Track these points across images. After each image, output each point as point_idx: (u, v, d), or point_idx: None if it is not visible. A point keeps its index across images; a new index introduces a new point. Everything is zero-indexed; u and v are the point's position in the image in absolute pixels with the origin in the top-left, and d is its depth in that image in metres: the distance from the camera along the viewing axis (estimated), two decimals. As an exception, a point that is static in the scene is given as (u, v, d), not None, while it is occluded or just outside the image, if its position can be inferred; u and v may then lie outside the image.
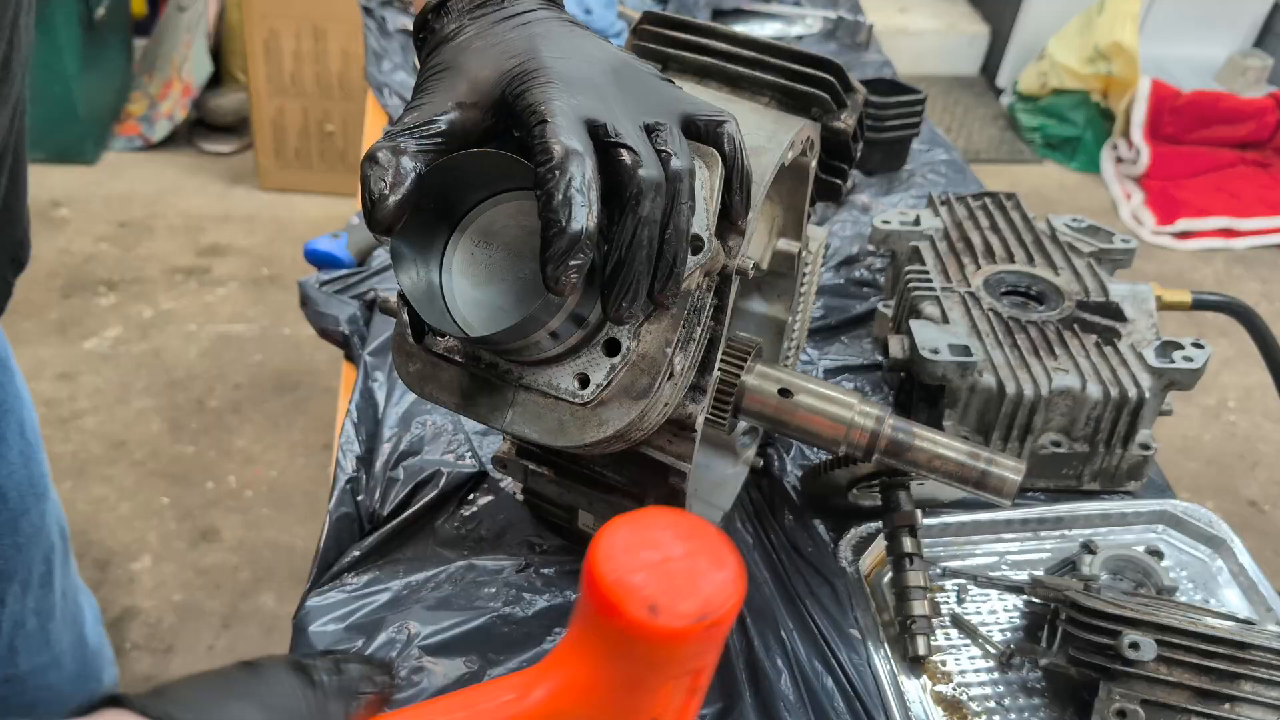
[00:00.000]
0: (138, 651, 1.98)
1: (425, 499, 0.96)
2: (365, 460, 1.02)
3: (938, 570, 0.97)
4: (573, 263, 0.52)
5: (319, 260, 1.32)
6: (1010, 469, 0.82)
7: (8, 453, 0.96)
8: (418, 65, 0.63)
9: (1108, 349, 1.03)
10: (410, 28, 0.75)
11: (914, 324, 1.02)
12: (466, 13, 0.61)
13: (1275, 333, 1.22)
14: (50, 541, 1.07)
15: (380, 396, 1.09)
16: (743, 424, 0.99)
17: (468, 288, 0.61)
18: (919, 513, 0.89)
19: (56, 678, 1.14)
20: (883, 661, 0.86)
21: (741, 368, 0.84)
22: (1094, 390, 0.98)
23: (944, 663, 0.89)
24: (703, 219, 0.61)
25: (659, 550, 0.47)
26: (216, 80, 3.47)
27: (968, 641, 0.91)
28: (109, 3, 3.25)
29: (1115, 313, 1.07)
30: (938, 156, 1.64)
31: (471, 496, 0.98)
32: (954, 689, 0.86)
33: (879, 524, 0.94)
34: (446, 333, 0.58)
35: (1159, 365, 1.00)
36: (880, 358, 1.20)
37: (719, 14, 2.13)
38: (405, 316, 0.67)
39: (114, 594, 2.07)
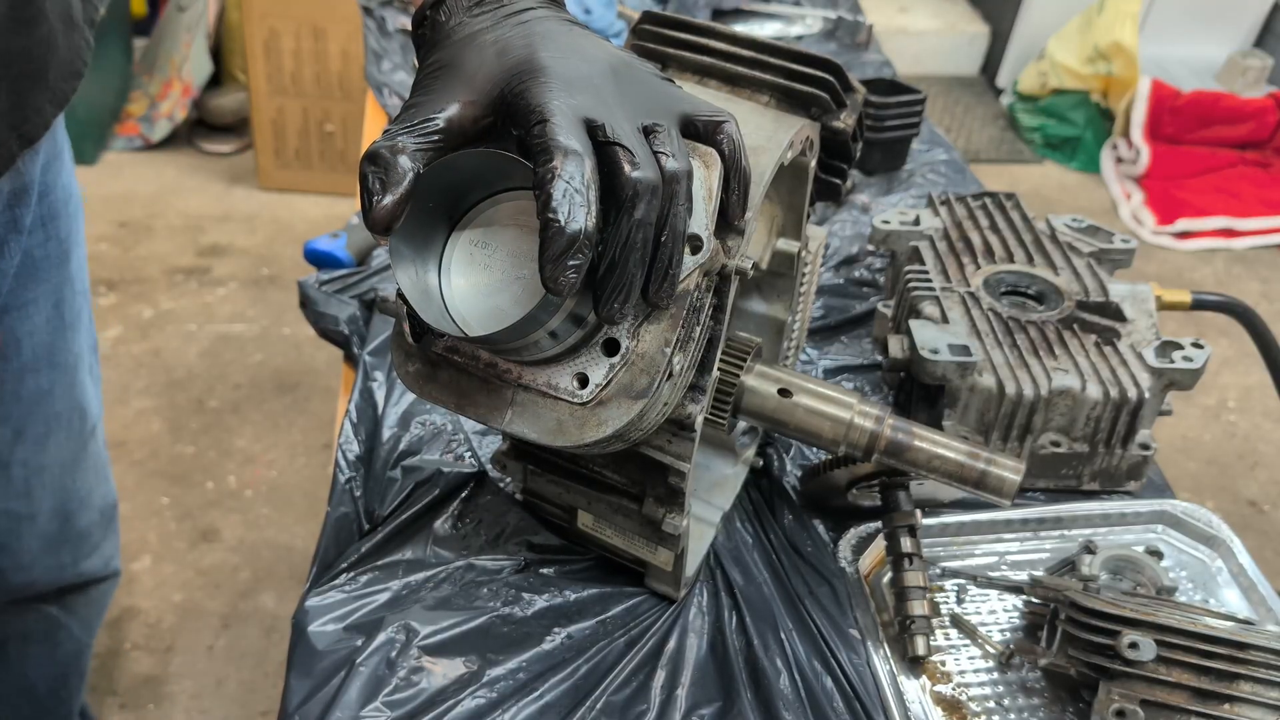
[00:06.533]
0: (138, 651, 1.97)
1: (425, 499, 0.96)
2: (365, 460, 1.02)
3: (937, 570, 0.97)
4: (571, 263, 0.52)
5: (319, 260, 1.32)
6: (1010, 469, 0.82)
7: (35, 314, 1.02)
8: (416, 64, 0.63)
9: (1107, 349, 1.03)
10: (410, 27, 0.75)
11: (914, 324, 1.02)
12: (465, 10, 0.61)
13: (1275, 333, 1.22)
14: (56, 411, 1.12)
15: (380, 396, 1.09)
16: (742, 424, 0.99)
17: (466, 287, 0.61)
18: (919, 513, 0.89)
19: (28, 531, 1.19)
20: (882, 661, 0.86)
21: (741, 368, 0.84)
22: (1094, 390, 0.98)
23: (943, 663, 0.89)
24: (702, 219, 0.61)
25: None
26: (216, 80, 3.47)
27: (967, 641, 0.91)
28: (109, 2, 3.25)
29: (1115, 313, 1.07)
30: (938, 156, 1.64)
31: (471, 497, 0.98)
32: (953, 689, 0.86)
33: (879, 524, 0.94)
34: (445, 333, 0.58)
35: (1159, 365, 1.00)
36: (880, 358, 1.20)
37: (719, 14, 2.13)
38: (404, 316, 0.67)
39: (114, 594, 2.07)
